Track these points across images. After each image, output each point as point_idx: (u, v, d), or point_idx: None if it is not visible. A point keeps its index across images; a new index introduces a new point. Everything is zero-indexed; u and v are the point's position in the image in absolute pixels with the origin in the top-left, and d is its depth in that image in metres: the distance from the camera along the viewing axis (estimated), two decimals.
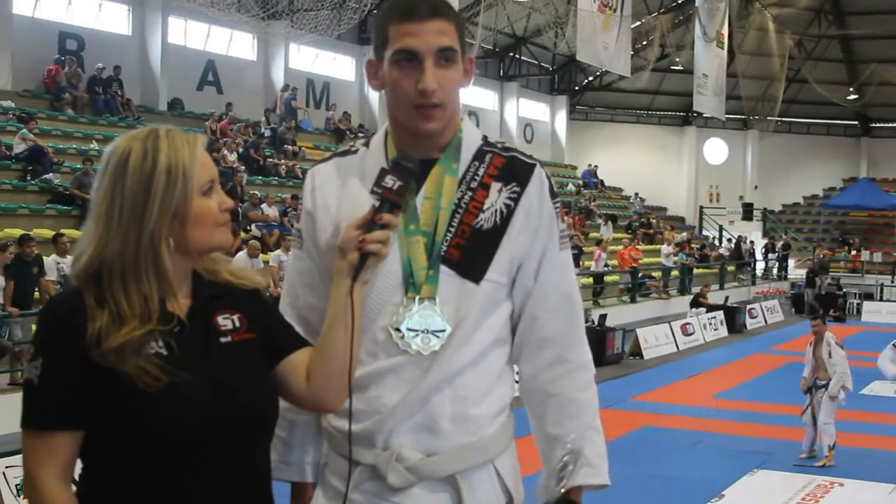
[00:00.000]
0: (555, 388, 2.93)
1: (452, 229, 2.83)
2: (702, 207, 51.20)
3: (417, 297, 2.80)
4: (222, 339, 2.54)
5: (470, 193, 2.86)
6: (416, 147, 2.85)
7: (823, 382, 12.67)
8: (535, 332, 2.93)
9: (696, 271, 35.54)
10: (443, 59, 2.76)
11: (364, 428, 2.81)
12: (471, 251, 2.82)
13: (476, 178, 2.89)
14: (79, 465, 2.47)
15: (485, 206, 2.85)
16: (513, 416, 2.97)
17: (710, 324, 26.98)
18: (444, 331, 2.79)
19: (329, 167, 3.02)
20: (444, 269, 2.81)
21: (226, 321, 2.57)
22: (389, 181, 2.62)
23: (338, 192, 2.92)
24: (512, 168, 2.91)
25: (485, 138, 2.98)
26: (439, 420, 2.79)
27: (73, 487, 2.44)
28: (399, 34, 2.76)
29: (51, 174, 20.79)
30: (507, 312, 2.92)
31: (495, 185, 2.88)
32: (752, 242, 43.99)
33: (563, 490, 2.87)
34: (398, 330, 2.79)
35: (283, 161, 28.09)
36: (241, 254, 18.19)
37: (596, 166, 45.92)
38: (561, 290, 2.94)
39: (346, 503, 2.81)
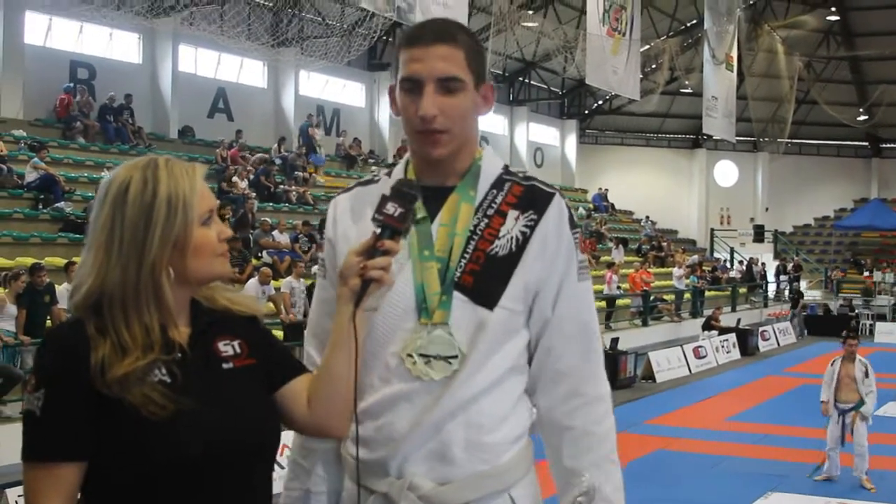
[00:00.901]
0: (570, 421, 2.89)
1: (467, 255, 2.81)
2: (713, 230, 51.15)
3: (430, 323, 2.78)
4: (224, 366, 2.54)
5: (486, 220, 2.85)
6: (433, 174, 2.87)
7: (851, 405, 12.42)
8: (550, 365, 2.89)
9: (707, 294, 35.50)
10: (445, 88, 2.75)
11: (377, 456, 2.79)
12: (485, 278, 2.80)
13: (493, 205, 2.87)
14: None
15: (500, 234, 2.83)
16: (532, 443, 2.93)
17: (723, 346, 26.92)
18: (456, 357, 2.76)
19: (350, 196, 3.02)
20: (457, 295, 2.79)
21: (226, 347, 2.57)
22: (391, 208, 2.62)
23: (358, 221, 2.91)
24: (530, 196, 2.89)
25: (505, 167, 2.97)
26: (452, 448, 2.76)
27: None
28: (406, 60, 2.78)
29: (62, 203, 20.85)
30: (524, 341, 2.88)
31: (512, 213, 2.86)
32: (763, 264, 43.92)
33: None
34: (410, 356, 2.77)
35: (294, 188, 28.14)
36: (253, 281, 18.23)
37: (606, 190, 45.92)
38: (578, 321, 2.90)
39: None
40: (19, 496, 9.18)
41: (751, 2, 45.07)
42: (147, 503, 2.38)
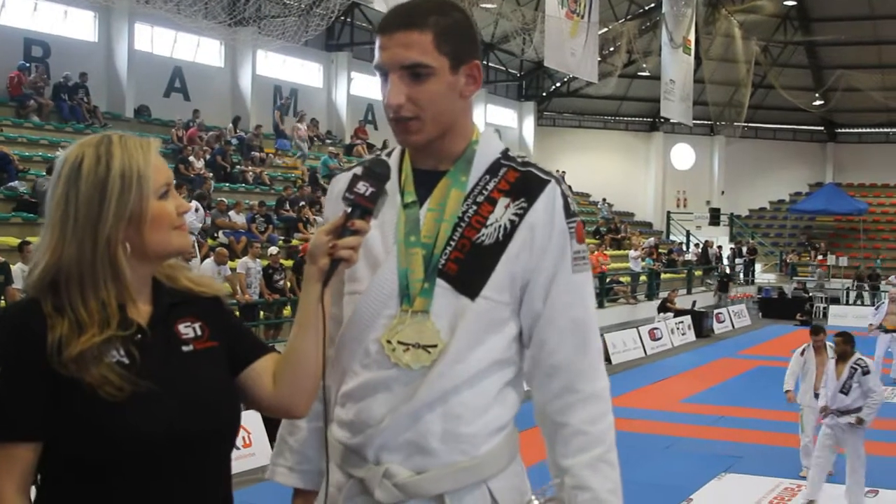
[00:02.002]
0: (563, 418, 2.80)
1: (453, 243, 2.74)
2: (669, 213, 51.37)
3: (411, 310, 2.73)
4: (184, 348, 2.51)
5: (475, 207, 2.77)
6: (425, 158, 2.83)
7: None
8: (544, 359, 2.80)
9: (663, 276, 35.69)
10: (412, 75, 2.69)
11: (356, 441, 2.77)
12: (469, 266, 2.73)
13: (484, 192, 2.79)
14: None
15: (488, 221, 2.75)
16: (516, 432, 2.88)
17: (678, 328, 27.09)
18: (435, 346, 2.71)
19: (348, 176, 2.92)
20: (440, 282, 2.73)
21: (187, 329, 2.54)
22: (361, 187, 2.58)
23: None
24: (524, 183, 2.80)
25: (504, 152, 2.89)
26: (429, 438, 2.71)
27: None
28: (377, 48, 2.74)
29: (16, 182, 20.65)
30: (511, 333, 2.80)
31: (503, 201, 2.78)
32: (720, 247, 44.17)
33: None
34: (390, 342, 2.73)
35: (250, 168, 28.02)
36: (209, 261, 18.15)
37: (564, 172, 45.86)
38: (572, 315, 2.80)
39: None
40: None
41: None
42: (104, 484, 2.36)
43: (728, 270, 35.48)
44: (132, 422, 2.33)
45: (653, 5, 43.67)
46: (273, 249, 20.47)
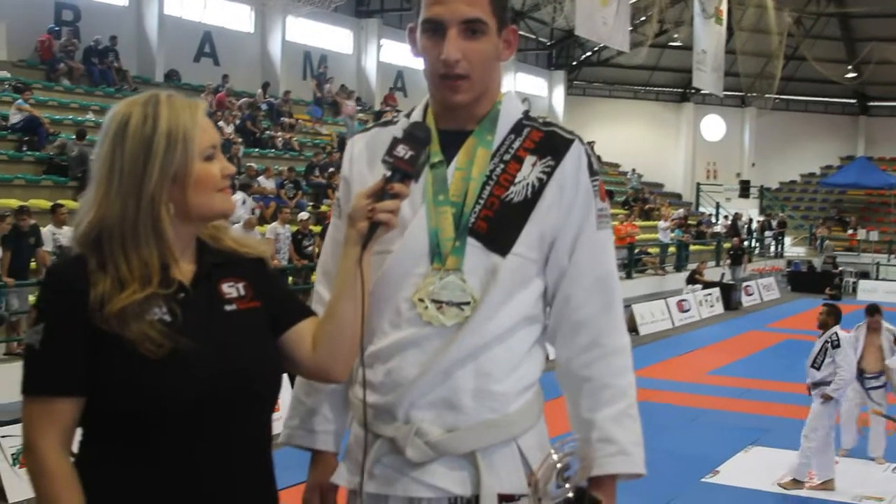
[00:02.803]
0: (588, 372, 2.83)
1: (482, 201, 2.76)
2: (699, 184, 51.14)
3: (443, 269, 2.74)
4: (227, 308, 2.52)
5: (502, 166, 2.79)
6: (452, 118, 2.83)
7: (874, 375, 11.69)
8: (569, 315, 2.84)
9: (692, 248, 35.53)
10: (469, 31, 2.70)
11: (385, 400, 2.77)
12: (499, 224, 2.75)
13: (510, 150, 2.82)
14: (78, 433, 2.46)
15: (516, 179, 2.78)
16: (542, 393, 2.90)
17: (706, 300, 26.99)
18: (468, 303, 2.73)
19: (368, 136, 2.99)
20: (470, 240, 2.74)
21: (231, 289, 2.55)
22: (401, 150, 2.58)
23: (374, 162, 2.85)
24: (549, 142, 2.83)
25: (525, 113, 2.91)
26: (461, 395, 2.73)
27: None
28: (428, 2, 2.72)
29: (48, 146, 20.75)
30: (538, 290, 2.84)
31: (529, 159, 2.80)
32: (750, 219, 43.94)
33: (571, 489, 2.71)
34: (422, 301, 2.74)
35: (279, 133, 28.03)
36: (237, 226, 18.16)
37: (593, 142, 45.77)
38: (597, 271, 2.84)
39: (363, 476, 2.78)
40: (2, 437, 9.20)
41: None
42: (143, 441, 2.38)
43: (742, 242, 34.80)
44: (171, 379, 2.34)
45: None
46: (304, 215, 20.49)
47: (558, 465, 2.70)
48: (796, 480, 10.53)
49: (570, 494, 2.68)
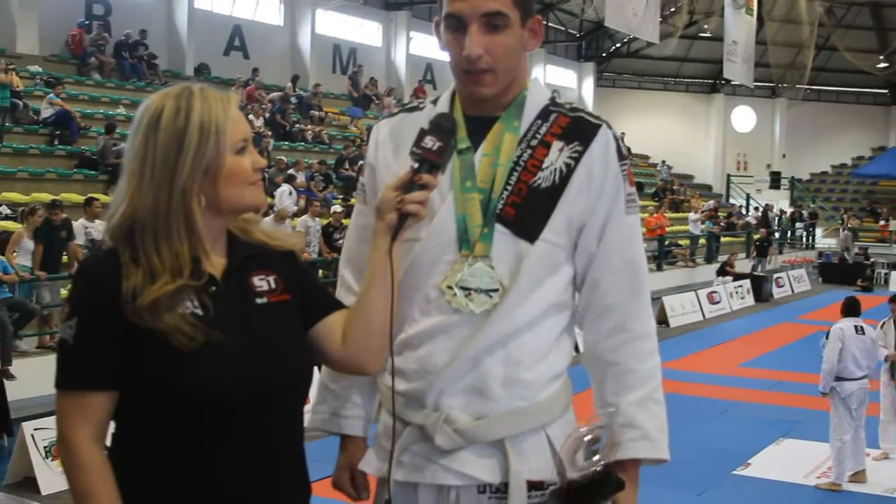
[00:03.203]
0: (615, 356, 2.84)
1: (509, 187, 2.75)
2: (729, 175, 50.98)
3: (471, 256, 2.74)
4: (258, 300, 2.53)
5: (529, 151, 2.79)
6: (479, 105, 2.82)
7: None
8: (597, 299, 2.84)
9: (722, 240, 35.40)
10: (491, 25, 2.69)
11: (414, 388, 2.78)
12: (527, 210, 2.74)
13: (537, 136, 2.81)
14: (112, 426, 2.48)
15: (544, 165, 2.77)
16: (570, 384, 2.90)
17: (737, 292, 26.86)
18: (496, 290, 2.73)
19: (393, 122, 2.98)
20: (498, 227, 2.74)
21: (261, 282, 2.55)
22: (429, 142, 2.59)
23: (399, 148, 2.86)
24: (576, 127, 2.82)
25: (552, 98, 2.91)
26: (490, 383, 2.73)
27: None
28: None
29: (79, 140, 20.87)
30: (567, 276, 2.84)
31: (557, 144, 2.79)
32: (781, 211, 43.73)
33: (601, 464, 2.69)
34: (450, 288, 2.74)
35: (309, 127, 28.09)
36: (268, 219, 18.18)
37: (623, 134, 45.58)
38: (625, 256, 2.84)
39: (392, 463, 2.79)
40: (36, 429, 9.25)
41: None
42: (177, 434, 2.39)
43: (769, 234, 34.38)
44: (204, 372, 2.35)
45: None
46: (337, 208, 20.52)
47: (587, 438, 2.70)
48: (834, 483, 10.44)
49: (598, 468, 2.68)
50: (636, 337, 2.85)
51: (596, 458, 2.70)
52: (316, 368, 2.69)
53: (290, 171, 23.17)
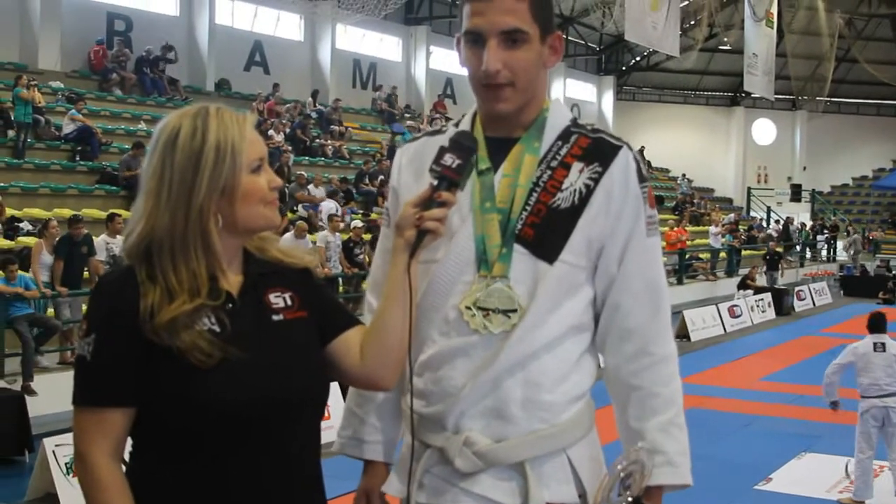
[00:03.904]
0: (637, 381, 2.81)
1: (528, 207, 2.74)
2: (749, 188, 50.91)
3: (489, 276, 2.73)
4: (274, 318, 2.53)
5: (549, 172, 2.77)
6: (499, 126, 2.82)
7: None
8: (618, 322, 2.81)
9: (743, 253, 35.32)
10: (510, 40, 2.69)
11: (434, 410, 2.77)
12: (546, 230, 2.73)
13: (558, 157, 2.79)
14: (129, 444, 2.48)
15: (563, 186, 2.75)
16: (593, 404, 2.88)
17: (758, 306, 26.76)
18: (515, 311, 2.71)
19: (417, 145, 2.99)
20: (517, 247, 2.73)
21: (277, 299, 2.56)
22: (448, 159, 2.59)
23: (421, 171, 2.85)
24: (597, 149, 2.81)
25: (573, 120, 2.89)
26: (510, 405, 2.72)
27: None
28: (469, 13, 2.73)
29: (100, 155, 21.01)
30: (587, 298, 2.81)
31: (577, 165, 2.78)
32: (802, 224, 43.62)
33: (630, 497, 2.69)
34: (469, 308, 2.73)
35: (329, 142, 28.15)
36: (288, 235, 18.23)
37: (643, 147, 45.72)
38: (646, 278, 2.82)
39: (413, 485, 2.79)
40: (57, 445, 9.27)
41: None
42: (193, 450, 2.40)
43: (777, 247, 33.94)
44: (220, 388, 2.36)
45: None
46: (357, 223, 20.56)
47: (622, 475, 2.68)
48: (855, 499, 10.33)
49: (628, 502, 2.67)
50: (658, 360, 2.82)
51: (628, 493, 2.69)
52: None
53: (310, 185, 23.23)
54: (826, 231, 43.82)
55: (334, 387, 2.75)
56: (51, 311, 14.22)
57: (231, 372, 2.37)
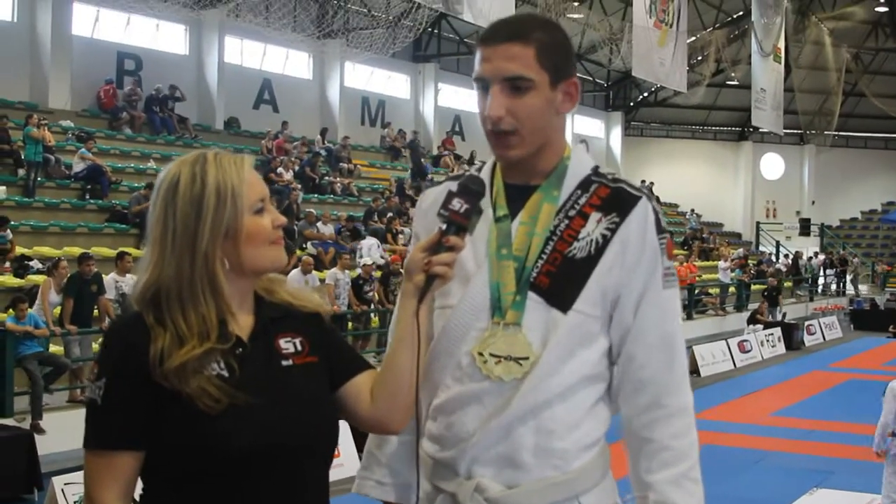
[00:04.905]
0: (649, 433, 2.77)
1: (544, 256, 2.73)
2: (758, 223, 50.86)
3: (503, 322, 2.72)
4: (284, 363, 2.54)
5: (567, 221, 2.76)
6: (518, 173, 2.82)
7: None
8: (632, 374, 2.78)
9: (752, 287, 35.28)
10: (513, 87, 2.69)
11: (447, 455, 2.76)
12: (561, 279, 2.71)
13: (576, 206, 2.78)
14: (139, 487, 2.49)
15: (580, 235, 2.74)
16: (608, 450, 2.86)
17: (768, 340, 26.70)
18: (527, 358, 2.70)
19: (437, 191, 2.96)
20: (531, 295, 2.72)
21: (288, 344, 2.57)
22: (456, 204, 2.60)
23: None
24: (615, 199, 2.78)
25: (595, 168, 2.86)
26: (522, 452, 2.70)
27: None
28: (478, 60, 2.74)
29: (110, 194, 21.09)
30: (602, 348, 2.78)
31: (595, 215, 2.76)
32: (811, 257, 43.56)
33: None
34: (481, 355, 2.72)
35: (338, 179, 28.22)
36: (295, 271, 18.26)
37: (651, 183, 45.71)
38: (661, 330, 2.78)
39: None
40: (66, 484, 9.27)
41: None
42: (202, 495, 2.40)
43: (778, 282, 33.64)
44: (227, 433, 2.36)
45: (741, 13, 43.34)
46: (367, 260, 20.59)
47: None
48: None
49: None
50: (672, 413, 2.78)
51: None
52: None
53: (319, 223, 23.26)
54: (836, 265, 43.73)
55: (343, 426, 2.75)
56: (60, 349, 14.24)
57: (239, 417, 2.38)
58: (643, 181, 45.46)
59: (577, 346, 2.73)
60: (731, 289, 33.69)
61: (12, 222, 18.33)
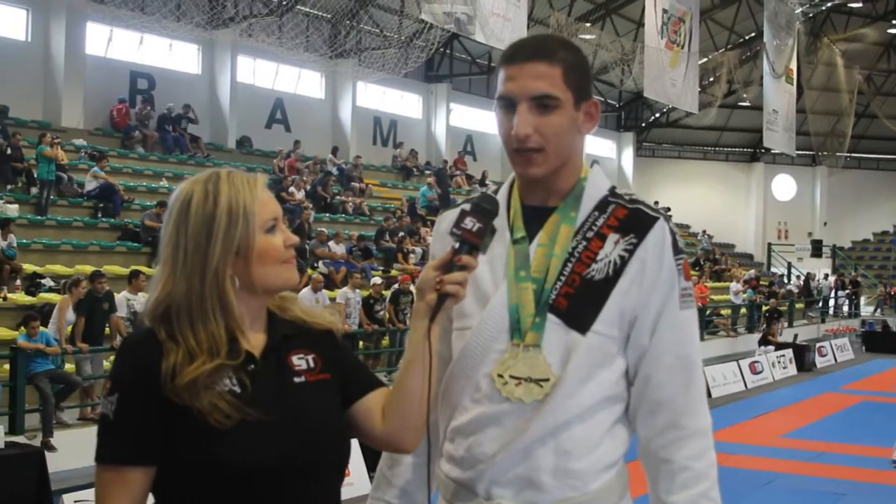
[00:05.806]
0: (667, 454, 2.77)
1: (563, 278, 2.73)
2: (770, 244, 50.79)
3: (522, 344, 2.72)
4: (296, 379, 2.54)
5: (584, 243, 2.76)
6: (536, 194, 2.83)
7: None
8: (649, 395, 2.78)
9: (764, 308, 35.19)
10: (541, 106, 2.69)
11: (466, 476, 2.76)
12: (579, 301, 2.71)
13: (594, 228, 2.78)
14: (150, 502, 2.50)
15: (598, 257, 2.74)
16: (627, 471, 2.85)
17: (779, 362, 26.60)
18: (547, 380, 2.70)
19: (455, 213, 2.90)
20: (550, 317, 2.72)
21: (300, 361, 2.57)
22: (469, 223, 2.59)
23: None
24: (633, 220, 2.79)
25: (612, 189, 2.87)
26: (541, 473, 2.70)
27: None
28: (502, 78, 2.74)
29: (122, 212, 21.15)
30: (620, 369, 2.78)
31: (612, 237, 2.76)
32: (823, 277, 43.46)
33: None
34: (501, 376, 2.72)
35: (350, 198, 28.25)
36: (305, 289, 18.28)
37: (664, 205, 45.73)
38: (678, 351, 2.78)
39: None
40: (76, 502, 9.28)
41: (810, 15, 44.71)
42: None
43: (778, 305, 33.36)
44: (240, 450, 2.37)
45: (753, 35, 43.35)
46: (377, 280, 20.60)
47: None
48: None
49: None
50: (690, 434, 2.78)
51: None
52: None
53: (331, 242, 23.29)
54: (848, 287, 43.62)
55: (353, 444, 2.75)
56: (72, 366, 14.26)
57: (249, 434, 2.38)
58: (656, 202, 45.45)
59: (596, 368, 2.73)
60: (743, 310, 33.61)
61: (24, 240, 18.41)
